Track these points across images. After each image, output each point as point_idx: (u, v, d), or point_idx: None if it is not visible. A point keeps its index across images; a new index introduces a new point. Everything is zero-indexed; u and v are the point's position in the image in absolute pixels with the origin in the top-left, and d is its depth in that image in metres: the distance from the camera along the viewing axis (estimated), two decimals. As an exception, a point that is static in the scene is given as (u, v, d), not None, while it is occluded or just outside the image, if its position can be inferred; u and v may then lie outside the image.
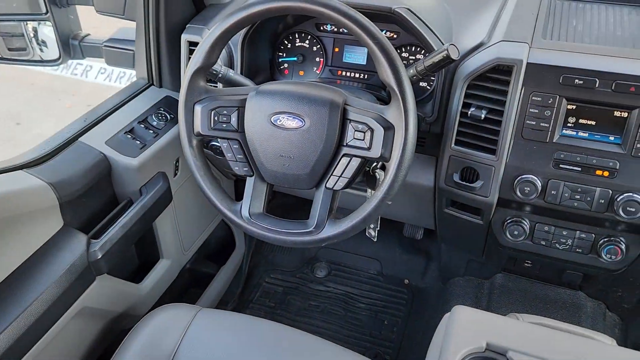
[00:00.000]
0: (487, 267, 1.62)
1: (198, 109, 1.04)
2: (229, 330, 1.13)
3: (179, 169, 1.47)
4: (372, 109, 0.98)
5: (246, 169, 1.07)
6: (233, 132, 1.05)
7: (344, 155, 1.00)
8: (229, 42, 1.32)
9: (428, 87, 1.29)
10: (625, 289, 1.45)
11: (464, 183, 1.17)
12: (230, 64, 1.34)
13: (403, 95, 0.93)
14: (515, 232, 1.20)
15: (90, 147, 1.26)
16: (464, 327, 0.89)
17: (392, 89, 0.94)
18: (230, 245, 1.90)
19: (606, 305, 1.53)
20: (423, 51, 1.28)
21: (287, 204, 2.05)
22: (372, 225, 1.31)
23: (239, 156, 1.07)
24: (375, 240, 1.33)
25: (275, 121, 1.01)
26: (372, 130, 0.97)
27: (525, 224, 1.19)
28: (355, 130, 0.98)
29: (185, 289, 1.73)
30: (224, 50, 1.33)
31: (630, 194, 1.05)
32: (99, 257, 1.16)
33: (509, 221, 1.20)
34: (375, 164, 1.19)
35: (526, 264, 1.35)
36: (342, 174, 1.01)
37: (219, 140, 1.07)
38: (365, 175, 1.23)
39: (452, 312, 0.93)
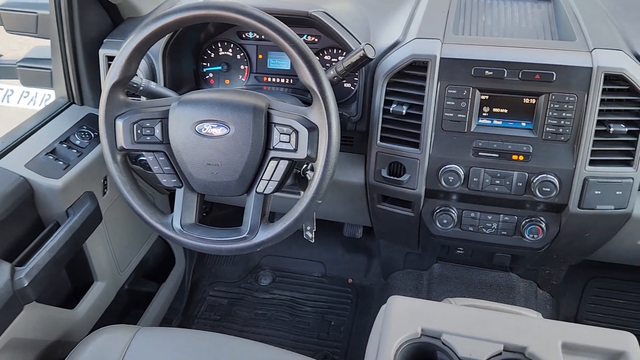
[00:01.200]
0: (424, 259, 1.67)
1: (119, 123, 1.02)
2: (171, 346, 1.11)
3: (108, 187, 1.42)
4: (295, 111, 1.00)
5: (174, 180, 1.06)
6: (158, 144, 1.04)
7: (272, 158, 1.01)
8: (150, 54, 1.31)
9: (352, 88, 1.33)
10: (552, 266, 1.53)
11: (392, 177, 1.21)
12: (153, 77, 1.32)
13: (323, 95, 0.95)
14: (445, 221, 1.24)
15: (8, 172, 1.21)
16: (399, 316, 0.91)
17: (312, 90, 0.96)
18: (170, 261, 1.86)
19: (537, 284, 1.61)
20: (344, 53, 1.31)
21: (227, 215, 2.03)
22: (308, 227, 1.32)
23: (166, 168, 1.05)
24: (312, 241, 1.34)
25: (200, 130, 1.00)
26: (296, 132, 0.98)
27: (453, 212, 1.24)
28: (281, 133, 0.99)
29: (125, 310, 1.68)
30: (145, 62, 1.31)
31: (545, 174, 1.12)
32: (25, 284, 1.11)
33: (437, 211, 1.25)
34: (305, 165, 1.21)
35: (458, 251, 1.40)
36: (271, 177, 1.02)
37: (144, 153, 1.06)
38: (297, 178, 1.24)
39: (388, 303, 0.95)
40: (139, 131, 1.03)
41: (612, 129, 1.07)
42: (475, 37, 1.22)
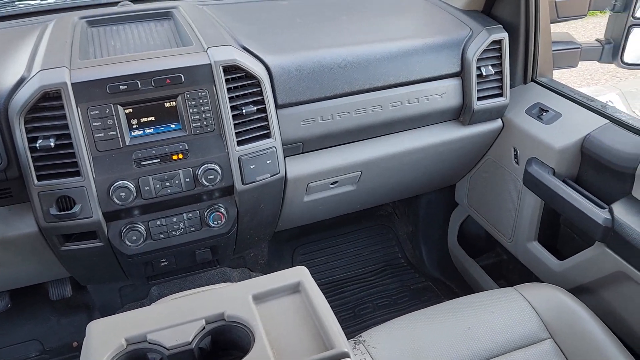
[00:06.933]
0: (138, 286, 1.65)
1: None
2: None
3: None
4: None
5: None
6: None
7: None
8: None
9: (-11, 139, 1.22)
10: (252, 248, 1.69)
11: (63, 213, 1.16)
12: None
13: None
14: (134, 238, 1.25)
15: None
16: (100, 337, 0.89)
17: None
18: None
19: (248, 268, 1.76)
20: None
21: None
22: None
23: None
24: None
25: None
26: None
27: (140, 226, 1.26)
28: None
29: None
30: None
31: (206, 164, 1.23)
32: None
33: (124, 231, 1.25)
34: None
35: (163, 263, 1.43)
36: None
37: None
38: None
39: (86, 331, 0.92)
40: None
41: (244, 111, 1.24)
42: (103, 58, 1.26)
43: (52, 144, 1.13)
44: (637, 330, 1.27)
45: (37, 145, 1.12)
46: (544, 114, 1.50)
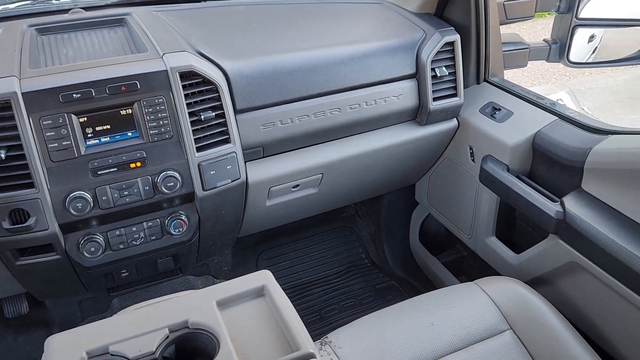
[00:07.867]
0: (99, 300, 1.61)
1: None
2: None
3: None
4: None
5: None
6: None
7: None
8: None
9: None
10: (216, 254, 1.67)
11: (16, 226, 1.12)
12: None
13: None
14: (92, 249, 1.22)
15: None
16: (59, 352, 0.87)
17: None
18: None
19: (212, 276, 1.74)
20: None
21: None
22: None
23: None
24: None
25: None
26: None
27: (99, 237, 1.23)
28: None
29: None
30: None
31: (165, 172, 1.21)
32: None
33: (82, 242, 1.22)
34: None
35: (124, 274, 1.40)
36: None
37: None
38: None
39: (45, 348, 0.89)
40: None
41: (202, 117, 1.24)
42: (55, 67, 1.23)
43: (2, 155, 1.09)
44: (590, 316, 1.33)
45: (-12, 158, 1.09)
46: (497, 112, 1.55)
